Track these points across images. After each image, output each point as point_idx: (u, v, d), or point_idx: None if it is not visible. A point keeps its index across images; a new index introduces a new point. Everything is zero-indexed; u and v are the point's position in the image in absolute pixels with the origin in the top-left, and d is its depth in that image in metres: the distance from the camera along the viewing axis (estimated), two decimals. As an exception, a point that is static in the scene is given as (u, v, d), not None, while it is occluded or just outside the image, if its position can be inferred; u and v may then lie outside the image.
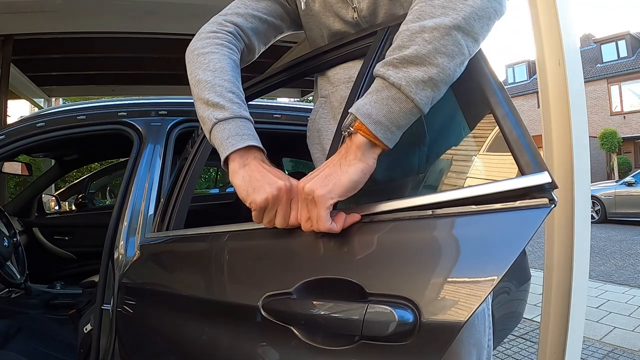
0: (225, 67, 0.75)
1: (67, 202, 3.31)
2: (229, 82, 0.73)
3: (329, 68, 0.88)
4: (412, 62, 0.56)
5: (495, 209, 0.47)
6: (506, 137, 0.52)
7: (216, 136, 0.68)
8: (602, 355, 2.57)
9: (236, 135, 0.67)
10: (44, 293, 2.12)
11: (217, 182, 5.37)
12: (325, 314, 0.56)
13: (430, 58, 0.55)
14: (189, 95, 0.80)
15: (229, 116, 0.69)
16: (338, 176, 0.57)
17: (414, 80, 0.55)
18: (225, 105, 0.70)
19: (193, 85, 0.74)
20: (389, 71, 0.57)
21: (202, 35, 0.80)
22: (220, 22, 0.82)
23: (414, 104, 0.56)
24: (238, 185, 0.64)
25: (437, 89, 0.57)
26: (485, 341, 0.78)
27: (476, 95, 0.60)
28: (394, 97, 0.56)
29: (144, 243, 1.17)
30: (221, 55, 0.76)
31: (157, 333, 0.97)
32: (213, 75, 0.73)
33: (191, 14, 2.99)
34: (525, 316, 2.32)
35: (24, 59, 3.74)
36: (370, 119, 0.56)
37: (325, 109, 0.87)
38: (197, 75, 0.74)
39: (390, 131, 0.57)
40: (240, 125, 0.68)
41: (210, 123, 0.69)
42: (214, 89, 0.71)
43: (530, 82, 22.07)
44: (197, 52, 0.77)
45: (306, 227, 0.59)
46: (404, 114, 0.57)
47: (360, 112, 0.57)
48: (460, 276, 0.47)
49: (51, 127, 1.39)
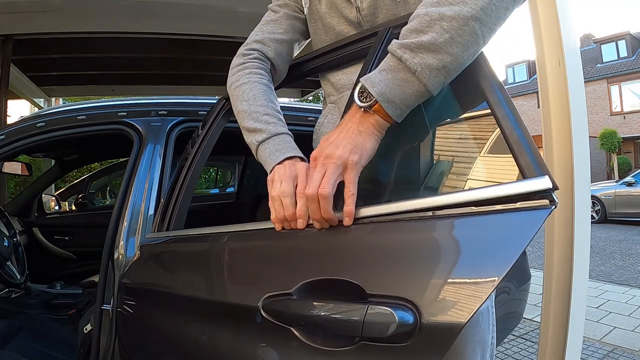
0: (257, 94, 0.83)
1: (67, 202, 3.31)
2: (262, 107, 0.81)
3: (331, 70, 0.89)
4: (428, 48, 0.58)
5: (495, 210, 0.47)
6: (506, 138, 0.52)
7: (261, 157, 0.77)
8: (602, 355, 2.57)
9: (276, 152, 0.74)
10: (44, 293, 2.12)
11: (217, 182, 5.38)
12: (326, 315, 0.56)
13: (446, 47, 0.57)
14: (189, 95, 0.82)
15: (266, 137, 0.76)
16: (363, 144, 0.61)
17: (429, 67, 0.58)
18: (262, 128, 0.78)
19: (237, 117, 0.84)
20: (406, 54, 0.59)
21: (233, 70, 0.89)
22: (244, 53, 0.90)
23: (426, 89, 0.59)
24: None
25: (448, 76, 0.60)
26: (489, 339, 0.78)
27: (476, 95, 0.60)
28: (408, 79, 0.59)
29: (144, 243, 1.16)
30: (252, 84, 0.85)
31: (157, 333, 0.96)
32: (248, 104, 0.82)
33: (191, 14, 2.99)
34: (525, 316, 2.32)
35: (24, 59, 3.73)
36: (384, 97, 0.60)
37: (334, 114, 0.89)
38: (236, 108, 0.84)
39: (401, 109, 0.61)
40: (278, 142, 0.75)
41: (254, 147, 0.78)
42: (251, 116, 0.80)
43: (530, 82, 22.06)
44: (233, 86, 0.87)
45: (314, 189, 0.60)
46: (415, 96, 0.60)
47: (378, 92, 0.60)
48: (460, 277, 0.47)
49: (51, 127, 1.39)
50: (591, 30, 59.61)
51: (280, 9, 0.93)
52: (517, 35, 28.33)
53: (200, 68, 4.19)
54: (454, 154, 0.76)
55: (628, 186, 8.69)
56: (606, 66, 19.59)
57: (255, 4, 1.40)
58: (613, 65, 19.36)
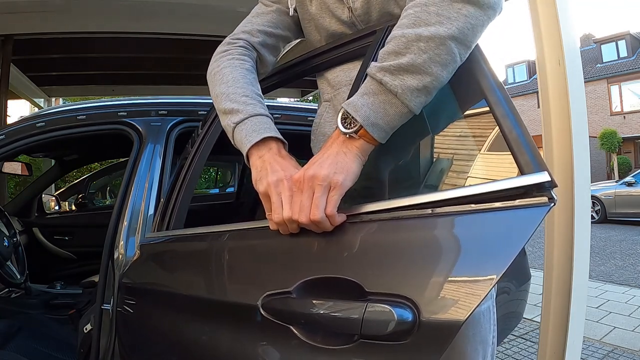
0: (237, 77, 0.79)
1: (67, 202, 3.30)
2: (241, 88, 0.77)
3: (329, 68, 0.88)
4: (407, 70, 0.58)
5: (494, 207, 0.47)
6: (506, 137, 0.53)
7: (236, 140, 0.72)
8: (602, 355, 2.57)
9: (252, 132, 0.70)
10: (44, 293, 2.12)
11: (217, 182, 5.38)
12: (325, 313, 0.56)
13: (425, 67, 0.58)
14: (189, 95, 0.82)
15: (243, 117, 0.72)
16: (349, 165, 0.60)
17: (409, 89, 0.58)
18: (239, 109, 0.73)
19: (214, 102, 0.79)
20: (386, 77, 0.59)
21: (215, 57, 0.86)
22: (229, 41, 0.87)
23: (408, 109, 0.60)
24: (252, 176, 0.67)
25: (429, 95, 0.60)
26: (490, 338, 0.78)
27: (476, 95, 0.60)
28: (390, 101, 0.60)
29: (144, 243, 1.17)
30: (233, 68, 0.81)
31: (157, 333, 0.97)
32: (227, 86, 0.78)
33: (191, 14, 2.99)
34: (525, 316, 2.32)
35: (24, 59, 3.73)
36: (369, 122, 0.59)
37: (329, 112, 0.88)
38: (214, 92, 0.79)
39: (385, 131, 0.61)
40: (255, 122, 0.71)
41: (230, 129, 0.73)
42: (229, 97, 0.76)
43: (530, 82, 22.05)
44: (213, 72, 0.83)
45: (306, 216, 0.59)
46: (399, 117, 0.60)
47: (362, 117, 0.59)
48: (459, 275, 0.47)
49: (51, 127, 1.39)
50: (591, 30, 59.61)
51: (273, 4, 0.92)
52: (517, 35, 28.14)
53: (200, 68, 4.16)
54: (453, 152, 0.77)
55: (628, 186, 8.69)
56: (606, 66, 19.59)
57: (255, 4, 1.40)
58: (613, 65, 19.36)
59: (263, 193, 0.64)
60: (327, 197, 0.58)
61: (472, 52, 0.62)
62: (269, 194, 0.63)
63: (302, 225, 0.60)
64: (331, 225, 0.58)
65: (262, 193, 0.64)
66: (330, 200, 0.58)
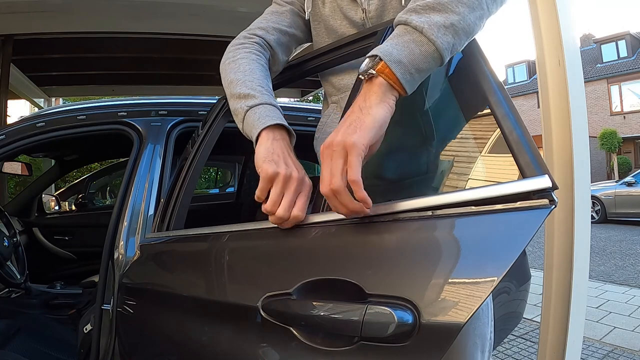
0: (254, 69, 0.80)
1: (67, 202, 3.30)
2: (257, 79, 0.78)
3: (332, 71, 0.89)
4: (434, 8, 0.57)
5: (495, 209, 0.47)
6: (506, 138, 0.52)
7: (248, 121, 0.72)
8: (602, 355, 2.57)
9: (266, 117, 0.70)
10: (44, 293, 2.12)
11: (217, 182, 5.37)
12: (325, 315, 0.56)
13: (452, 6, 0.57)
14: (189, 95, 0.82)
15: (258, 102, 0.73)
16: (362, 120, 0.55)
17: (436, 25, 0.57)
18: (255, 95, 0.74)
19: (226, 87, 0.79)
20: (412, 16, 0.58)
21: (230, 48, 0.86)
22: (246, 36, 0.88)
23: (435, 47, 0.57)
24: (259, 152, 0.66)
25: (457, 37, 0.58)
26: (488, 333, 0.79)
27: (476, 95, 0.60)
28: (415, 40, 0.57)
29: (144, 243, 1.17)
30: (249, 60, 0.82)
31: (157, 333, 0.96)
32: (243, 74, 0.78)
33: (191, 14, 2.99)
34: (525, 316, 2.32)
35: (24, 59, 3.73)
36: (392, 58, 0.56)
37: (337, 114, 0.89)
38: (229, 78, 0.80)
39: (410, 73, 0.57)
40: (270, 109, 0.72)
41: (242, 112, 0.73)
42: (245, 84, 0.76)
43: (530, 82, 22.05)
44: (228, 61, 0.83)
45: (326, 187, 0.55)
46: (425, 57, 0.57)
47: (384, 53, 0.56)
48: (460, 277, 0.47)
49: (51, 127, 1.39)
50: (591, 30, 59.64)
51: (287, 4, 0.93)
52: (517, 35, 28.15)
53: (200, 68, 4.18)
54: (454, 153, 0.77)
55: (628, 186, 8.69)
56: (606, 66, 19.58)
57: (255, 4, 1.40)
58: (613, 65, 19.36)
59: (270, 176, 0.62)
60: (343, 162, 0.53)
61: (472, 52, 0.62)
62: (274, 181, 0.62)
63: (336, 209, 0.56)
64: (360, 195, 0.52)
65: (269, 175, 0.62)
66: (350, 165, 0.52)
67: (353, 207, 0.54)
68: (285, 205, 0.62)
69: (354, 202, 0.54)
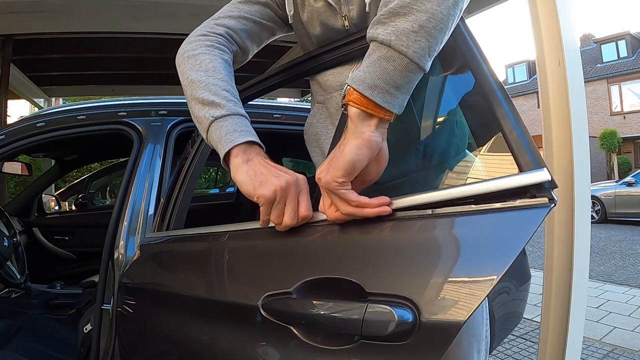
0: (218, 67, 0.74)
1: (67, 202, 3.30)
2: (222, 81, 0.72)
3: (323, 71, 0.87)
4: (398, 13, 0.52)
5: (494, 208, 0.47)
6: (506, 137, 0.52)
7: (213, 134, 0.67)
8: (602, 355, 2.57)
9: (234, 132, 0.65)
10: (44, 293, 2.12)
11: (217, 182, 5.37)
12: (325, 314, 0.56)
13: (417, 4, 0.51)
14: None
15: (225, 113, 0.67)
16: (336, 158, 0.55)
17: (404, 33, 0.51)
18: (221, 103, 0.68)
19: (186, 86, 0.73)
20: (378, 30, 0.53)
21: (191, 38, 0.80)
22: (211, 26, 0.81)
23: (408, 59, 0.52)
24: (242, 181, 0.62)
25: (431, 38, 0.52)
26: (483, 332, 0.79)
27: (476, 96, 0.60)
28: (385, 55, 0.52)
29: (144, 243, 1.17)
30: (212, 56, 0.76)
31: (157, 333, 0.96)
32: (206, 75, 0.72)
33: (191, 14, 2.99)
34: (525, 316, 2.32)
35: (24, 59, 3.73)
36: (365, 84, 0.53)
37: (322, 114, 0.88)
38: (189, 76, 0.73)
39: (389, 93, 0.53)
40: (237, 122, 0.67)
41: (207, 122, 0.68)
42: (208, 88, 0.70)
43: (530, 82, 22.05)
44: (188, 54, 0.76)
45: (330, 214, 0.58)
46: (401, 72, 0.52)
47: (353, 79, 0.54)
48: (459, 276, 0.47)
49: (51, 127, 1.39)
50: (591, 30, 59.63)
51: None
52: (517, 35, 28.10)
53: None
54: (454, 153, 0.77)
55: (628, 186, 8.69)
56: (606, 66, 19.59)
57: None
58: (613, 65, 19.36)
59: (270, 198, 0.60)
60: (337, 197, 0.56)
61: (472, 52, 0.61)
62: (274, 201, 0.60)
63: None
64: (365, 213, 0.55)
65: (269, 198, 0.60)
66: (342, 200, 0.55)
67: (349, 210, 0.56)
68: (290, 213, 0.61)
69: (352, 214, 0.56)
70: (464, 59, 0.62)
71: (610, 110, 19.30)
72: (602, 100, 19.34)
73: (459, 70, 0.67)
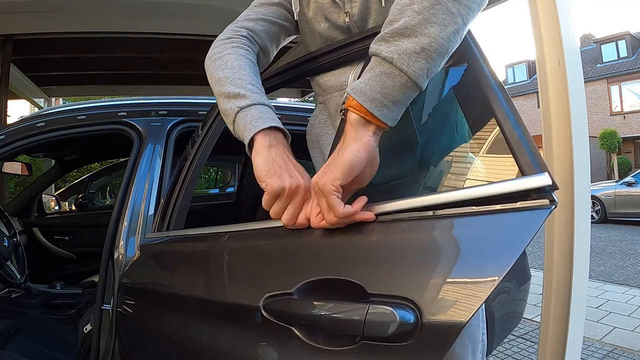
0: (242, 65, 0.77)
1: (67, 202, 3.30)
2: (247, 76, 0.75)
3: (324, 72, 0.88)
4: (402, 34, 0.55)
5: (495, 210, 0.47)
6: (506, 138, 0.52)
7: (239, 123, 0.69)
8: (602, 355, 2.57)
9: (259, 119, 0.67)
10: (44, 293, 2.12)
11: (217, 182, 5.37)
12: (327, 315, 0.56)
13: (421, 28, 0.54)
14: (189, 95, 0.81)
15: (250, 103, 0.70)
16: (335, 161, 0.57)
17: (406, 53, 0.55)
18: (247, 95, 0.71)
19: (214, 85, 0.77)
20: (381, 46, 0.57)
21: (217, 43, 0.83)
22: (234, 30, 0.85)
23: (407, 77, 0.55)
24: (259, 164, 0.64)
25: (431, 60, 0.55)
26: (479, 335, 0.79)
27: (476, 96, 0.60)
28: (386, 72, 0.56)
29: (144, 243, 1.17)
30: (237, 56, 0.79)
31: (157, 333, 0.96)
32: (232, 71, 0.75)
33: (191, 14, 2.99)
34: (525, 316, 2.32)
35: (24, 59, 3.73)
36: (365, 97, 0.56)
37: (324, 115, 0.89)
38: (216, 75, 0.76)
39: (387, 107, 0.56)
40: (262, 110, 0.69)
41: (233, 113, 0.70)
42: (234, 82, 0.73)
43: (530, 82, 22.05)
44: (214, 57, 0.80)
45: (315, 222, 0.59)
46: (399, 89, 0.56)
47: (354, 90, 0.57)
48: (461, 277, 0.47)
49: (51, 127, 1.39)
50: (591, 30, 59.62)
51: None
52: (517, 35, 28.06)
53: (200, 68, 4.17)
54: (454, 154, 0.76)
55: (628, 186, 8.69)
56: (606, 66, 19.59)
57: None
58: (613, 65, 19.36)
59: (275, 192, 0.61)
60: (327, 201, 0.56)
61: (472, 52, 0.62)
62: (279, 196, 0.62)
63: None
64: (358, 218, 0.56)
65: (275, 191, 0.61)
66: (330, 206, 0.56)
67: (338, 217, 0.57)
68: (290, 214, 0.62)
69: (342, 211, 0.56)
70: (464, 59, 0.62)
71: (610, 110, 19.30)
72: (602, 100, 19.34)
73: (459, 69, 0.67)
